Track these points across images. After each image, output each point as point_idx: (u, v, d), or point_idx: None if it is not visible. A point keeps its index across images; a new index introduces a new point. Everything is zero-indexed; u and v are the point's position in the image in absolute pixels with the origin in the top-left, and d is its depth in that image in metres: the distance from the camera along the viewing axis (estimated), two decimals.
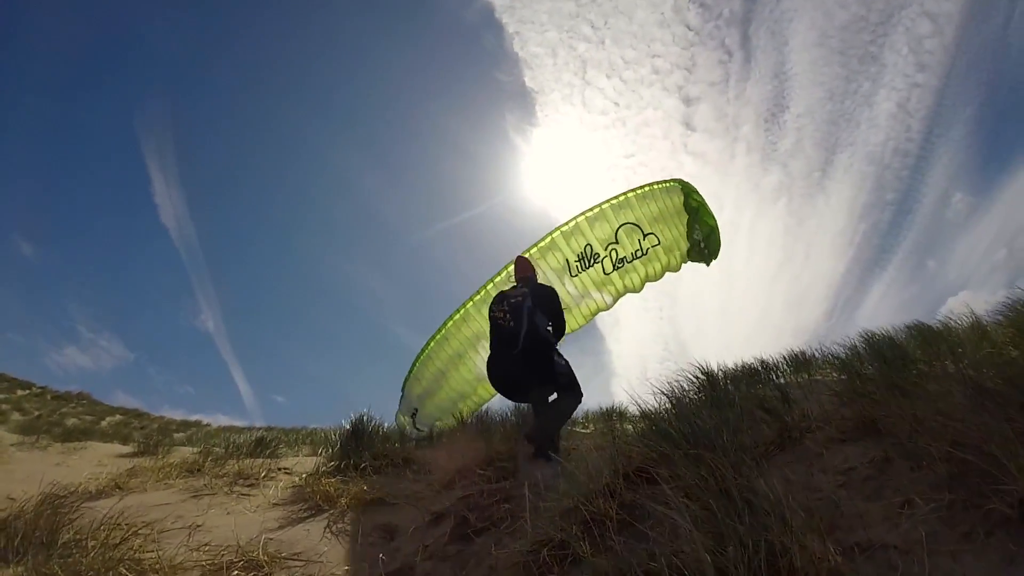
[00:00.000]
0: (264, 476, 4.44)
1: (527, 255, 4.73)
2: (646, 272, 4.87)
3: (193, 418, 19.32)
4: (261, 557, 2.58)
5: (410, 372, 5.04)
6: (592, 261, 4.69)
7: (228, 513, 3.44)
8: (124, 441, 7.54)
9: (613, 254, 4.68)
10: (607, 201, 4.76)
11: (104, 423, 17.08)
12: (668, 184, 4.96)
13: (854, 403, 2.81)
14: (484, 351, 4.62)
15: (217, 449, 5.64)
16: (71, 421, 15.85)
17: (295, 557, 2.71)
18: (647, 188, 4.83)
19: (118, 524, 2.45)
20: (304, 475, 4.39)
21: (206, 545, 2.68)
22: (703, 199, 4.97)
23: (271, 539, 2.90)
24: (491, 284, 4.86)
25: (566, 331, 4.20)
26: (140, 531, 2.55)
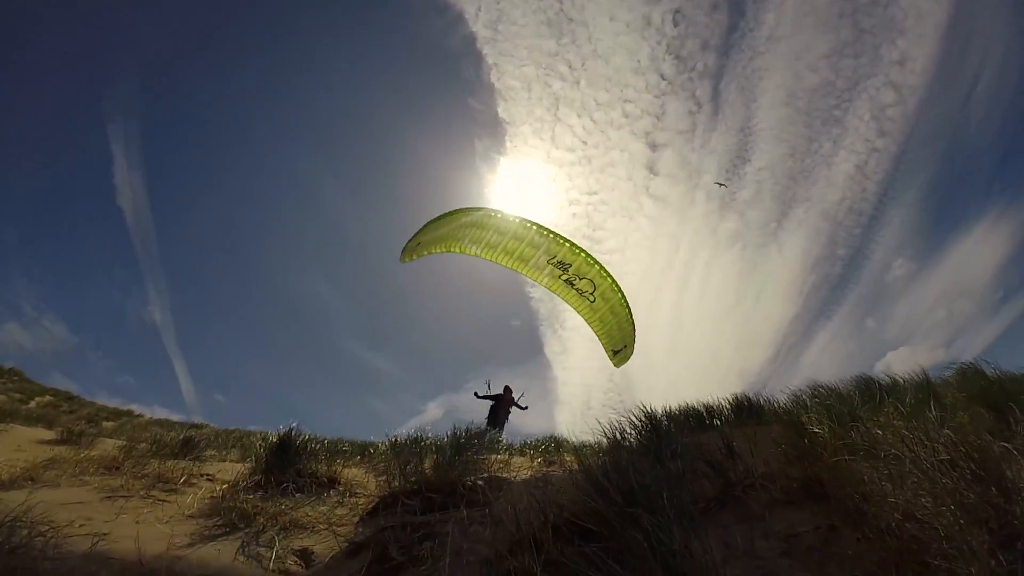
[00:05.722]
0: (184, 481, 4.20)
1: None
2: (569, 293, 8.39)
3: (127, 407, 17.74)
4: None
5: (431, 222, 7.46)
6: (560, 266, 8.13)
7: (139, 522, 3.22)
8: (49, 425, 6.95)
9: (571, 276, 8.17)
10: (601, 267, 7.98)
11: (33, 403, 15.58)
12: (632, 323, 8.36)
13: (801, 462, 2.63)
14: (479, 231, 7.88)
15: (142, 445, 5.27)
16: None
17: None
18: (623, 300, 8.18)
19: (23, 523, 2.26)
20: (225, 485, 4.16)
21: (109, 559, 2.50)
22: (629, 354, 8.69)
23: (179, 557, 2.74)
24: (517, 220, 7.55)
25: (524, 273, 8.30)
26: (45, 532, 2.35)
